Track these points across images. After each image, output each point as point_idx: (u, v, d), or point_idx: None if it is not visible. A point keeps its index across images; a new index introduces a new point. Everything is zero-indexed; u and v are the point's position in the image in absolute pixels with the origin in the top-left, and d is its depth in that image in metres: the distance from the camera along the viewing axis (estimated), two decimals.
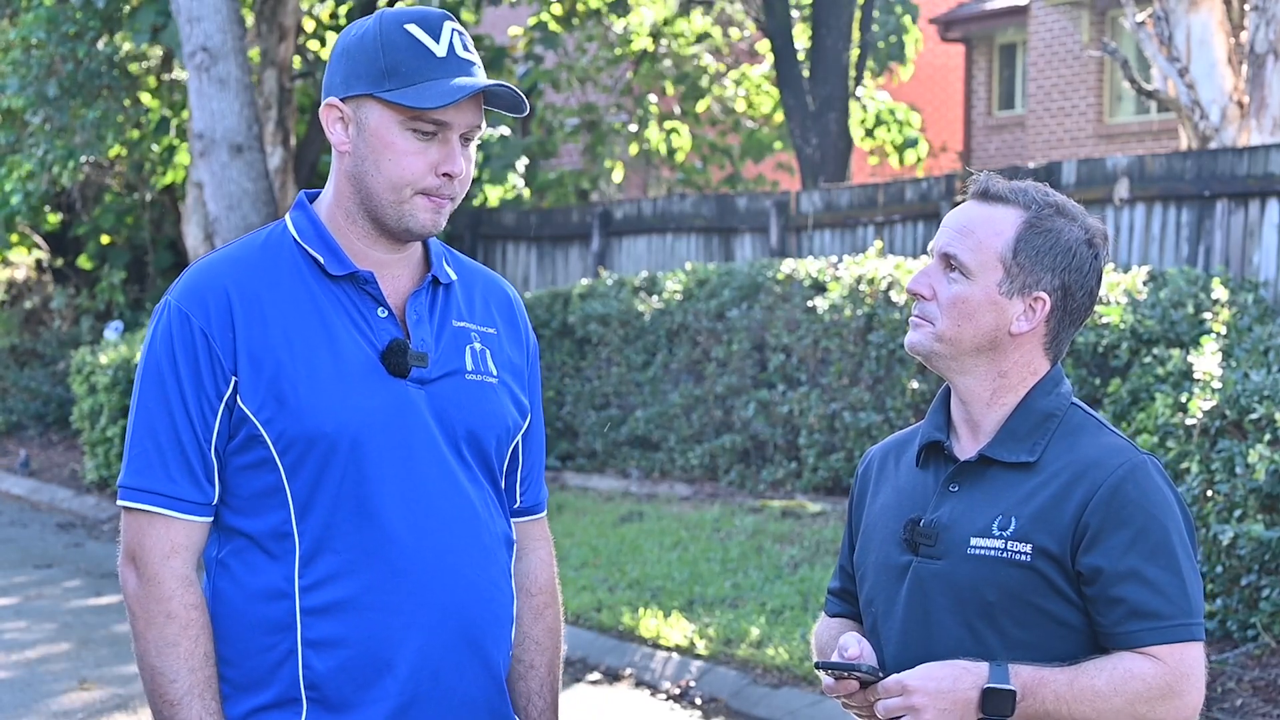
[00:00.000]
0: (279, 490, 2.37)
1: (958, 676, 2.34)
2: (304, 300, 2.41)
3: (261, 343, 2.37)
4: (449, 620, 2.41)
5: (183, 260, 16.39)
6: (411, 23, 2.39)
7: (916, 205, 11.43)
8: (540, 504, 2.68)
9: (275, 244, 2.46)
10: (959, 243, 2.47)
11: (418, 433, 2.41)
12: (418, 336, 2.43)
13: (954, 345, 2.47)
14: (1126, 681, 2.34)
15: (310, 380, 2.36)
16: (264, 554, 2.39)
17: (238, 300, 2.38)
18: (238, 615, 2.39)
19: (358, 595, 2.37)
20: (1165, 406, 7.07)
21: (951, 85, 24.33)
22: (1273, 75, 9.90)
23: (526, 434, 2.59)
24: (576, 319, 12.31)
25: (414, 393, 2.41)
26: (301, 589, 2.37)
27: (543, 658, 2.63)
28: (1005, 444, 2.46)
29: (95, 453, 12.88)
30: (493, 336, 2.54)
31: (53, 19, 14.26)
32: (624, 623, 7.91)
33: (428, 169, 2.38)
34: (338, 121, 2.42)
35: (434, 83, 2.36)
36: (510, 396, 2.53)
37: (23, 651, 8.14)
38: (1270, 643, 6.40)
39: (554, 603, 2.66)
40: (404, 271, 2.48)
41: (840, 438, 10.29)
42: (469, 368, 2.48)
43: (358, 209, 2.43)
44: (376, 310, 2.43)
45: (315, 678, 2.37)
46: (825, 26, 15.59)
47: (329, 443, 2.35)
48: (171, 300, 2.40)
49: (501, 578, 2.50)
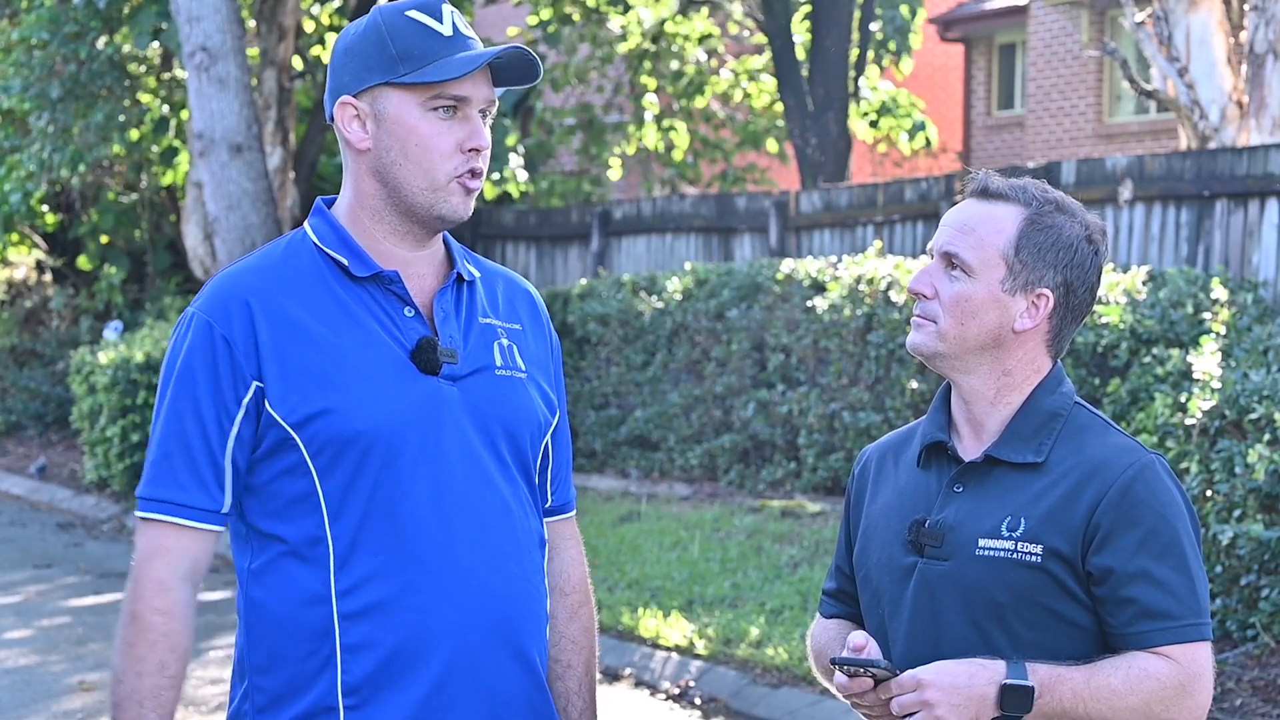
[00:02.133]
0: (311, 495, 2.36)
1: (973, 673, 2.34)
2: (329, 303, 2.40)
3: (289, 348, 2.36)
4: (485, 618, 2.39)
5: (182, 260, 16.37)
6: (413, 9, 2.40)
7: (916, 205, 11.43)
8: (569, 503, 2.68)
9: (296, 251, 2.45)
10: (960, 241, 2.46)
11: (451, 429, 2.40)
12: (446, 333, 2.43)
13: (958, 344, 2.47)
14: (1142, 681, 2.34)
15: (341, 381, 2.35)
16: (299, 560, 2.37)
17: (260, 308, 2.37)
18: (276, 624, 2.37)
19: (393, 596, 2.35)
20: (1165, 406, 7.07)
21: (951, 85, 24.33)
22: (1272, 75, 9.90)
23: (555, 432, 2.58)
24: (576, 319, 12.32)
25: (446, 389, 2.41)
26: (338, 593, 2.35)
27: (579, 657, 2.62)
28: (1011, 444, 2.46)
29: (95, 453, 12.87)
30: (519, 333, 2.54)
31: (54, 19, 14.25)
32: (623, 622, 7.91)
33: (455, 148, 2.38)
34: (354, 119, 2.41)
35: (448, 58, 2.36)
36: (539, 392, 2.53)
37: (23, 651, 8.14)
38: (1270, 643, 6.41)
39: (588, 601, 2.66)
40: (428, 270, 2.47)
41: (840, 438, 10.29)
42: (498, 363, 2.48)
43: (385, 205, 2.42)
44: (403, 310, 2.42)
45: (354, 682, 2.35)
46: (825, 26, 15.58)
47: (363, 443, 2.34)
48: (193, 310, 2.40)
49: (535, 575, 2.49)
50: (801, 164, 15.49)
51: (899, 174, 22.49)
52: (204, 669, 7.67)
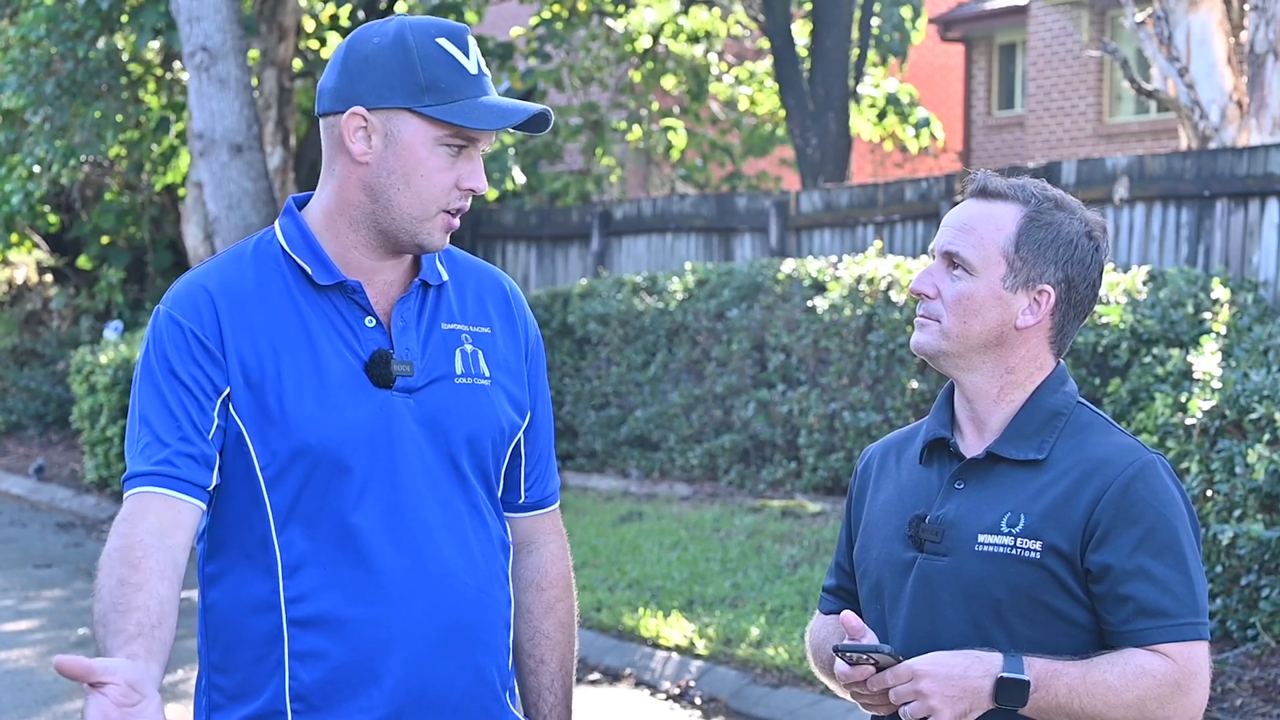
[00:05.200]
0: (259, 502, 2.36)
1: (969, 665, 2.34)
2: (289, 311, 2.39)
3: (249, 353, 2.36)
4: (435, 629, 2.39)
5: (182, 260, 16.39)
6: (442, 36, 2.37)
7: (916, 205, 11.43)
8: (549, 497, 2.67)
9: (263, 253, 2.44)
10: (961, 240, 2.48)
11: (404, 442, 2.39)
12: (403, 345, 2.42)
13: (961, 342, 2.48)
14: (1138, 677, 2.34)
15: (294, 393, 2.35)
16: (250, 566, 2.38)
17: (225, 311, 2.37)
18: (230, 626, 2.40)
19: (342, 607, 2.35)
20: (1165, 406, 7.07)
21: (951, 85, 24.33)
22: (1273, 75, 9.90)
23: (529, 430, 2.57)
24: (576, 319, 12.32)
25: (399, 402, 2.40)
26: (287, 601, 2.36)
27: (554, 653, 2.62)
28: (1013, 441, 2.47)
29: (95, 452, 12.88)
30: (486, 336, 2.52)
31: (52, 18, 14.25)
32: (624, 623, 7.91)
33: (453, 184, 2.38)
34: (360, 130, 2.37)
35: (472, 101, 2.35)
36: (506, 397, 2.51)
37: (23, 652, 8.14)
38: (1270, 643, 6.41)
39: (566, 596, 2.65)
40: (395, 277, 2.46)
41: (840, 437, 10.29)
42: (459, 371, 2.46)
43: (366, 219, 2.41)
44: (364, 319, 2.42)
45: (302, 689, 2.36)
46: (825, 26, 15.58)
47: (312, 457, 2.34)
48: (163, 308, 2.40)
49: (493, 583, 2.48)
50: (802, 164, 15.49)
51: (899, 174, 22.49)
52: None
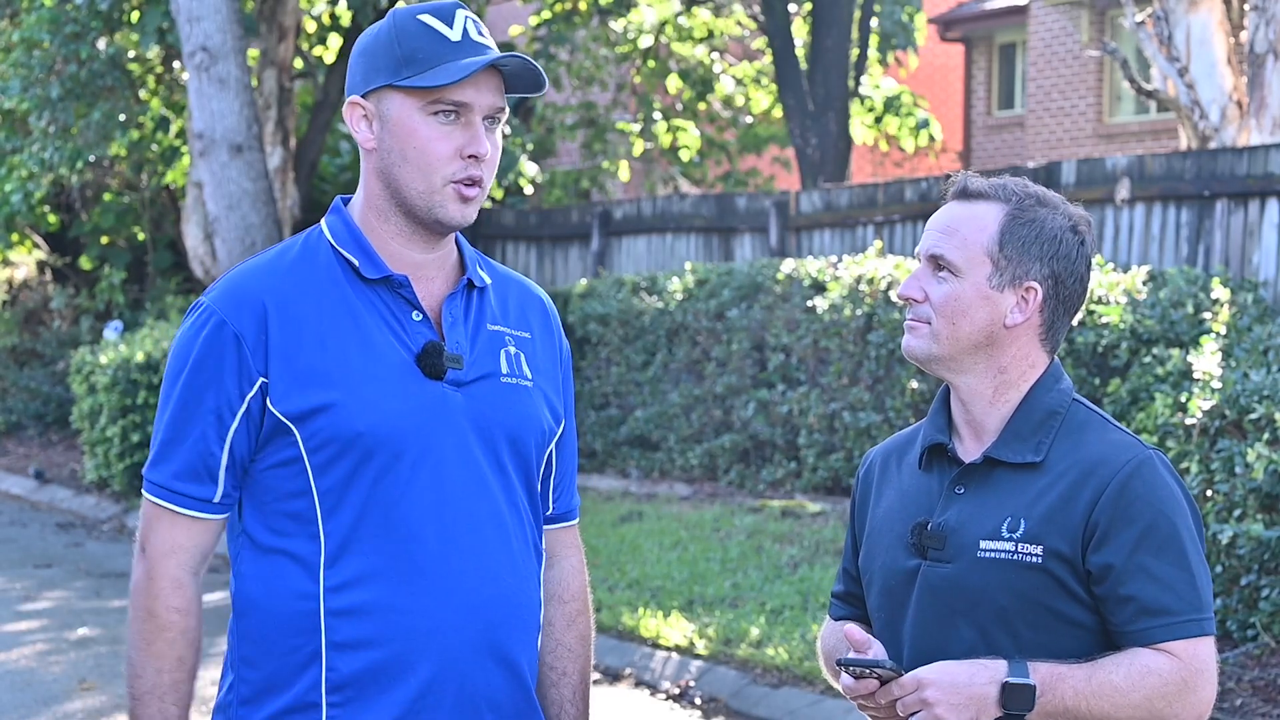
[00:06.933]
0: (306, 491, 2.38)
1: (974, 673, 2.35)
2: (339, 304, 2.42)
3: (296, 346, 2.38)
4: (474, 625, 2.40)
5: (183, 260, 16.38)
6: (425, 13, 2.42)
7: (916, 205, 11.43)
8: (572, 511, 2.69)
9: (312, 249, 2.47)
10: (944, 242, 2.49)
11: (452, 435, 2.41)
12: (453, 339, 2.44)
13: (951, 344, 2.48)
14: (1144, 677, 2.34)
15: (346, 382, 2.37)
16: (289, 556, 2.39)
17: (272, 305, 2.39)
18: (264, 616, 2.40)
19: (384, 598, 2.36)
20: (1165, 406, 7.07)
21: (951, 85, 24.33)
22: (1273, 75, 9.90)
23: (560, 440, 2.59)
24: (576, 319, 12.32)
25: (450, 395, 2.42)
26: (326, 590, 2.37)
27: (575, 665, 2.63)
28: (1010, 444, 2.47)
29: (95, 453, 12.87)
30: (527, 341, 2.55)
31: (54, 19, 14.25)
32: (624, 622, 7.91)
33: (454, 153, 2.39)
34: (361, 119, 2.44)
35: (450, 64, 2.38)
36: (545, 401, 2.54)
37: (23, 651, 8.14)
38: (1270, 642, 6.41)
39: (586, 610, 2.67)
40: (439, 274, 2.49)
41: (840, 438, 10.30)
42: (504, 371, 2.48)
43: (389, 206, 2.44)
44: (411, 314, 2.44)
45: (340, 680, 2.37)
46: (825, 26, 15.58)
47: (364, 444, 2.36)
48: (206, 301, 2.42)
49: (529, 584, 2.49)
50: (801, 164, 15.49)
51: (899, 174, 22.49)
52: (204, 669, 7.67)
